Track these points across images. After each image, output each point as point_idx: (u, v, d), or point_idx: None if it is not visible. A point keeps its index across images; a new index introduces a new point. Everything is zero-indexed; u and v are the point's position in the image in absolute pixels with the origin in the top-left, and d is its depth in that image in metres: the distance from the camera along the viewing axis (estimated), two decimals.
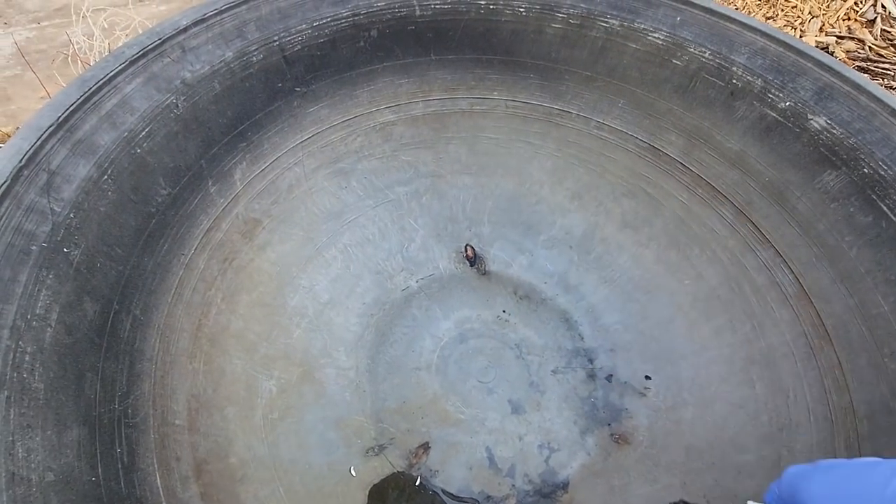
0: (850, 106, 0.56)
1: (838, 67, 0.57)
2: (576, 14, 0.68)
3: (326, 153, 0.73)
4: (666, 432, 0.68)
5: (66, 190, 0.42)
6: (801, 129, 0.59)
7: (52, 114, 0.42)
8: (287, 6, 0.59)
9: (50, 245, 0.39)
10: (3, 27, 1.81)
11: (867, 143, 0.55)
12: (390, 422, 0.69)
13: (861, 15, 1.10)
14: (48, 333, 0.37)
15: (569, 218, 0.83)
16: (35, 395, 0.35)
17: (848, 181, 0.56)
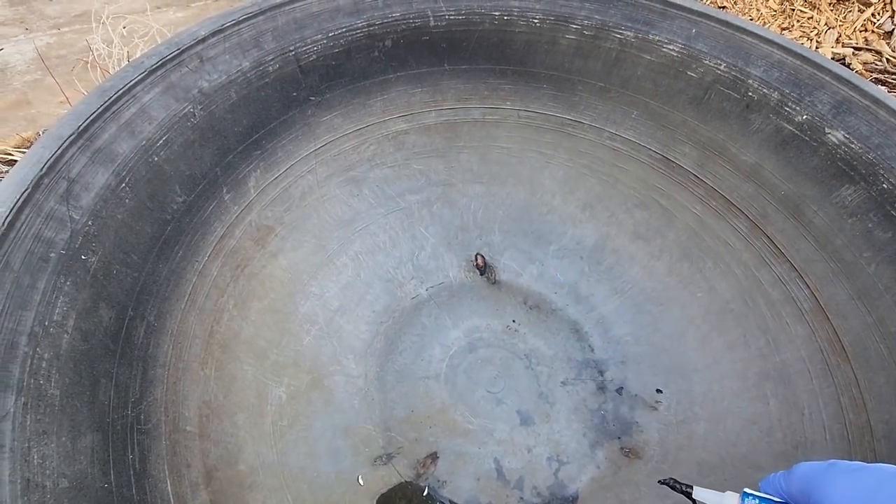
0: (869, 120, 0.55)
1: (857, 81, 0.56)
2: (590, 25, 0.68)
3: (339, 161, 0.73)
4: (677, 447, 0.67)
5: (85, 198, 0.42)
6: (818, 143, 0.59)
7: (73, 122, 0.43)
8: (303, 17, 0.59)
9: (68, 252, 0.40)
10: (25, 32, 1.85)
11: (886, 158, 0.54)
12: (398, 431, 0.69)
13: (878, 26, 1.08)
14: (65, 340, 0.38)
15: (580, 228, 0.83)
16: (51, 402, 0.35)
17: (866, 196, 0.55)
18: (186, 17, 2.00)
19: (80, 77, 1.48)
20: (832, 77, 0.57)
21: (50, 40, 1.80)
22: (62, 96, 1.40)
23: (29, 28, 1.86)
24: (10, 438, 0.31)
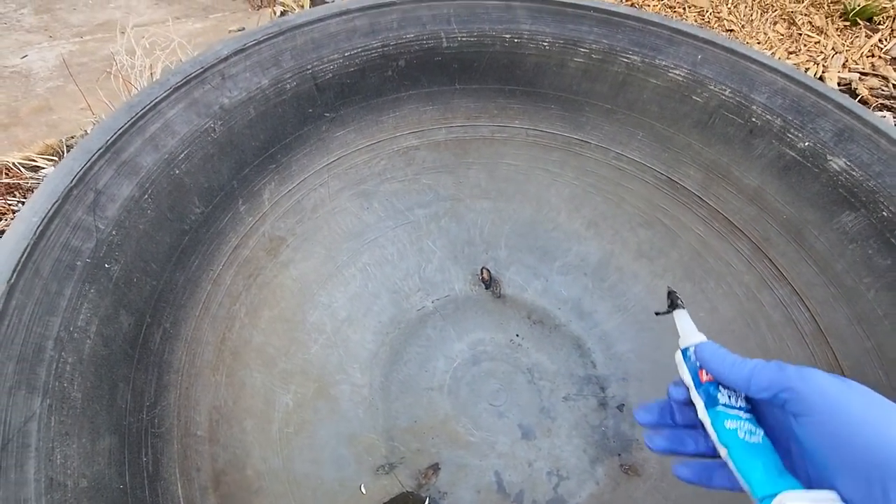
0: (870, 148, 0.57)
1: (858, 110, 0.58)
2: (598, 49, 0.70)
3: (351, 175, 0.75)
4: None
5: (111, 208, 0.44)
6: (819, 170, 0.60)
7: (102, 136, 0.45)
8: (321, 37, 0.62)
9: (93, 261, 0.42)
10: (49, 40, 1.90)
11: (887, 186, 0.55)
12: (401, 441, 0.70)
13: (885, 52, 1.10)
14: (87, 345, 0.40)
15: (585, 245, 0.84)
16: (73, 404, 0.37)
17: (867, 223, 0.56)
18: (205, 28, 2.05)
19: (102, 86, 1.53)
20: (834, 105, 0.59)
21: (73, 48, 1.85)
22: (83, 103, 1.43)
23: (53, 36, 1.92)
24: (35, 438, 0.33)
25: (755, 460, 0.31)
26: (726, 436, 0.32)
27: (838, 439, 0.28)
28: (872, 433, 0.27)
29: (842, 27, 1.14)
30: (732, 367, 0.33)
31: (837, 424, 0.28)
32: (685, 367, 0.37)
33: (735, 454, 0.32)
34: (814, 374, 0.30)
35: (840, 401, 0.29)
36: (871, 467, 0.26)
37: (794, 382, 0.30)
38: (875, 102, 1.02)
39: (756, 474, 0.30)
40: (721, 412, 0.33)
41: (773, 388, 0.31)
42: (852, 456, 0.27)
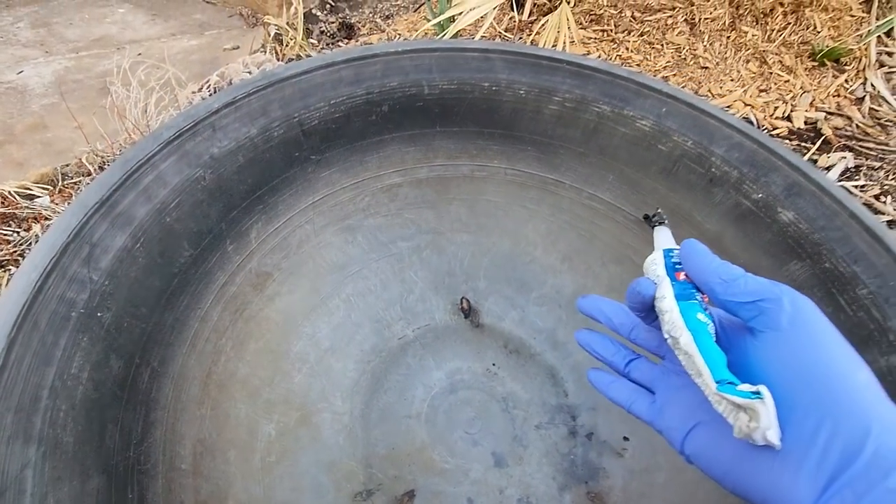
0: (815, 204, 0.61)
1: (805, 168, 0.62)
2: (571, 99, 0.74)
3: (336, 211, 0.79)
4: (639, 494, 0.71)
5: (104, 260, 0.48)
6: (771, 220, 0.64)
7: (98, 192, 0.48)
8: (308, 87, 0.66)
9: (87, 311, 0.45)
10: (45, 55, 1.93)
11: (829, 239, 0.59)
12: (379, 467, 0.73)
13: (851, 92, 1.15)
14: (80, 391, 0.43)
15: (560, 278, 0.88)
16: (66, 449, 0.40)
17: (811, 273, 0.61)
18: (200, 45, 2.08)
19: (96, 103, 1.55)
20: (784, 162, 0.63)
21: (69, 64, 1.88)
22: (78, 121, 1.46)
23: (49, 51, 1.95)
24: (30, 485, 0.36)
25: (720, 352, 0.29)
26: (697, 325, 0.30)
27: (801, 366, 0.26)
28: (837, 371, 0.26)
29: (810, 67, 1.20)
30: (722, 264, 0.31)
31: (807, 350, 0.27)
32: (661, 263, 0.35)
33: (702, 339, 0.29)
34: (805, 300, 0.29)
35: (819, 330, 0.27)
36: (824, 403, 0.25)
37: (784, 295, 0.29)
38: (838, 143, 1.08)
39: (720, 361, 0.28)
40: (695, 305, 0.31)
41: (760, 294, 0.29)
42: (809, 386, 0.26)
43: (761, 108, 1.12)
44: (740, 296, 0.30)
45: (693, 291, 0.33)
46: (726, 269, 0.31)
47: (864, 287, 0.56)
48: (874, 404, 0.25)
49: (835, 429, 0.24)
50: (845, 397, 0.25)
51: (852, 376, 0.26)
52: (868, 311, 0.56)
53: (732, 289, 0.30)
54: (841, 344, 0.28)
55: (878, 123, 1.12)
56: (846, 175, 1.05)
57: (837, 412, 0.25)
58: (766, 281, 0.30)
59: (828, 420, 0.25)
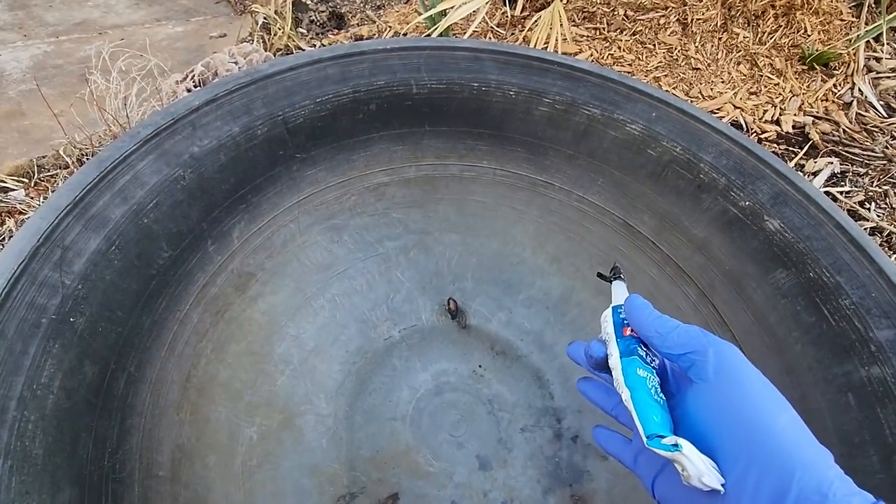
0: (801, 213, 0.61)
1: (792, 176, 0.62)
2: (561, 101, 0.73)
3: (321, 211, 0.78)
4: (623, 497, 0.72)
5: (77, 263, 0.46)
6: (757, 228, 0.65)
7: (70, 193, 0.47)
8: (293, 85, 0.64)
9: (58, 317, 0.43)
10: (23, 39, 1.87)
11: (814, 249, 0.60)
12: (363, 470, 0.73)
13: (839, 97, 1.16)
14: (50, 400, 0.41)
15: (547, 280, 0.88)
16: (34, 462, 0.39)
17: (796, 281, 0.61)
18: (185, 32, 2.03)
19: (76, 90, 1.51)
20: (771, 170, 0.63)
21: (48, 49, 1.82)
22: (57, 108, 1.42)
23: (27, 35, 1.89)
24: None
25: (656, 406, 0.32)
26: (634, 380, 0.33)
27: (722, 413, 0.29)
28: (760, 417, 0.28)
29: (800, 71, 1.20)
30: (658, 318, 0.34)
31: (727, 398, 0.29)
32: (610, 321, 0.38)
33: (637, 395, 0.32)
34: (729, 348, 0.31)
35: (742, 378, 0.30)
36: (751, 449, 0.27)
37: (710, 347, 0.31)
38: (825, 148, 1.08)
39: (653, 415, 0.31)
40: (636, 360, 0.34)
41: (690, 346, 0.31)
42: (736, 433, 0.28)
43: (751, 111, 1.13)
44: (674, 348, 0.32)
45: (636, 347, 0.35)
46: (661, 323, 0.34)
47: (847, 297, 0.56)
48: (796, 447, 0.27)
49: (762, 473, 0.26)
50: (769, 442, 0.27)
51: (774, 421, 0.28)
52: (850, 321, 0.56)
53: (667, 342, 0.33)
54: (763, 390, 0.29)
55: (865, 129, 1.13)
56: (832, 181, 1.05)
57: (763, 457, 0.27)
58: (696, 332, 0.33)
59: (755, 465, 0.27)
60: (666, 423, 0.31)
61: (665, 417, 0.32)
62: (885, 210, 1.04)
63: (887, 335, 0.53)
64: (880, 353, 0.53)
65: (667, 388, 0.35)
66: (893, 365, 0.52)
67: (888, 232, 1.00)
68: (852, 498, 0.25)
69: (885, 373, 0.52)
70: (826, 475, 0.26)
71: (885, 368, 0.52)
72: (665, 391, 0.34)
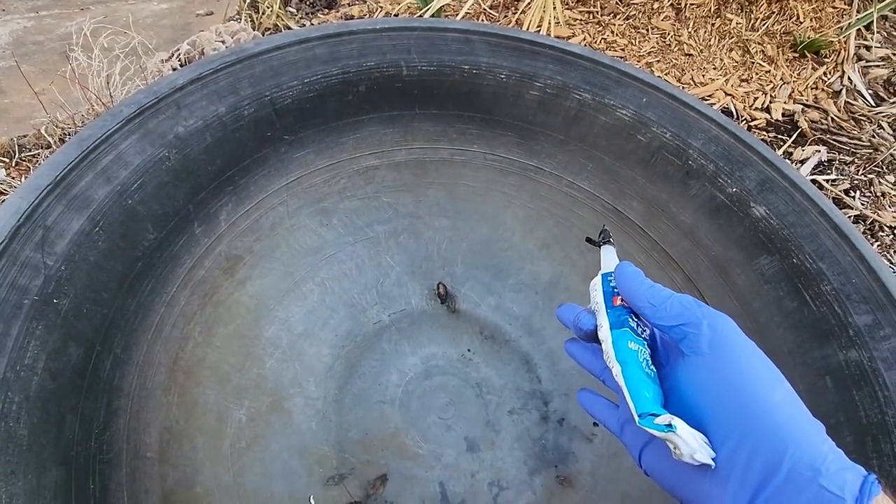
0: (787, 200, 0.62)
1: (779, 163, 0.63)
2: (552, 85, 0.73)
3: (310, 194, 0.77)
4: (606, 478, 0.73)
5: (60, 244, 0.45)
6: (744, 214, 0.65)
7: (51, 172, 0.46)
8: (280, 65, 0.63)
9: (41, 298, 0.43)
10: (2, 13, 1.81)
11: (798, 236, 0.60)
12: (352, 452, 0.74)
13: (828, 85, 1.16)
14: (34, 381, 0.41)
15: (537, 265, 0.89)
16: (19, 442, 0.38)
17: (780, 268, 0.62)
18: (171, 9, 1.98)
19: (58, 68, 1.47)
20: (759, 157, 0.64)
21: (27, 24, 1.77)
22: (38, 87, 1.38)
23: (6, 9, 1.82)
24: None
25: (648, 381, 0.31)
26: (625, 354, 0.31)
27: (721, 388, 0.28)
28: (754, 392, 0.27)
29: (791, 58, 1.20)
30: (650, 288, 0.32)
31: (720, 371, 0.28)
32: (600, 289, 0.36)
33: (628, 371, 0.31)
34: (724, 321, 0.30)
35: (737, 352, 0.29)
36: (744, 424, 0.26)
37: (704, 319, 0.30)
38: (813, 136, 1.09)
39: (645, 392, 0.30)
40: (627, 332, 0.32)
41: (683, 318, 0.30)
42: (729, 408, 0.27)
43: (742, 98, 1.13)
44: (667, 319, 0.31)
45: (626, 318, 0.34)
46: (654, 293, 0.32)
47: (829, 283, 0.57)
48: (790, 422, 0.26)
49: (754, 448, 0.26)
50: (763, 417, 0.26)
51: (769, 396, 0.27)
52: (831, 306, 0.57)
53: (659, 313, 0.31)
54: (759, 364, 0.29)
55: (853, 118, 1.13)
56: (819, 169, 1.07)
57: (756, 432, 0.26)
58: (690, 303, 0.31)
59: (747, 440, 0.26)
60: (657, 397, 0.30)
61: (657, 392, 0.31)
62: (870, 198, 1.05)
63: (865, 320, 0.54)
64: (858, 338, 0.54)
65: (657, 358, 0.33)
66: (870, 349, 0.53)
67: (871, 220, 1.02)
68: (845, 472, 0.25)
69: (861, 357, 0.53)
70: (819, 450, 0.25)
71: (862, 352, 0.53)
72: (655, 361, 0.33)
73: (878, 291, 0.54)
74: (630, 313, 0.34)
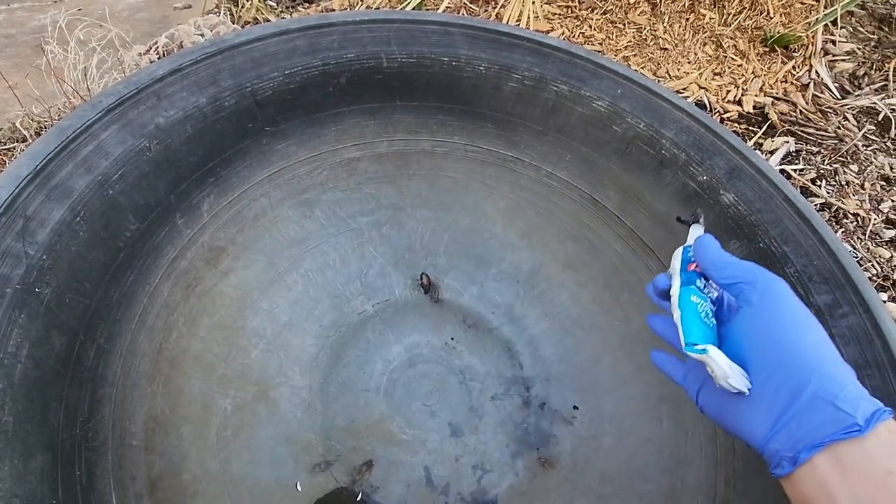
0: (754, 187, 0.65)
1: (747, 152, 0.65)
2: (530, 77, 0.75)
3: (293, 185, 0.78)
4: (585, 459, 0.76)
5: (41, 234, 0.45)
6: (714, 202, 0.68)
7: (30, 163, 0.46)
8: (261, 56, 0.63)
9: (23, 287, 0.43)
10: None
11: (764, 221, 0.63)
12: (338, 440, 0.75)
13: (797, 79, 1.21)
14: (18, 369, 0.41)
15: (518, 254, 0.91)
16: (5, 429, 0.39)
17: (748, 252, 0.65)
18: (148, 2, 1.94)
19: (30, 61, 1.44)
20: (728, 146, 0.66)
21: None
22: (10, 81, 1.35)
23: None
24: None
25: (700, 323, 0.36)
26: (685, 303, 0.37)
27: (763, 331, 0.33)
28: (789, 334, 0.32)
29: (762, 52, 1.24)
30: (720, 254, 0.39)
31: (768, 318, 0.34)
32: (679, 257, 0.43)
33: (686, 316, 0.37)
34: (776, 281, 0.36)
35: (782, 304, 0.34)
36: (777, 358, 0.32)
37: (760, 277, 0.36)
38: (782, 127, 1.13)
39: (695, 329, 0.35)
40: (693, 289, 0.39)
41: (742, 277, 0.36)
42: (767, 346, 0.33)
43: (715, 91, 1.16)
44: (727, 279, 0.37)
45: (696, 279, 0.40)
46: (721, 258, 0.38)
47: (792, 265, 0.60)
48: (817, 359, 0.31)
49: (783, 378, 0.31)
50: (792, 354, 0.32)
51: (802, 338, 0.32)
52: (794, 288, 0.60)
53: (724, 273, 0.37)
54: (798, 315, 0.34)
55: (820, 110, 1.18)
56: (787, 159, 1.10)
57: (786, 365, 0.32)
58: (750, 266, 0.37)
59: (778, 371, 0.32)
60: (707, 337, 0.35)
61: (708, 333, 0.35)
62: (835, 187, 1.09)
63: (826, 299, 0.57)
64: (819, 317, 0.57)
65: (720, 315, 0.38)
66: (829, 327, 0.56)
67: (836, 207, 1.06)
68: (860, 400, 0.29)
69: None
70: (841, 382, 0.30)
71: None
72: (718, 319, 0.38)
73: (837, 272, 0.57)
74: (700, 276, 0.40)
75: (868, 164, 1.14)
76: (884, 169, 1.14)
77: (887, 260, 1.03)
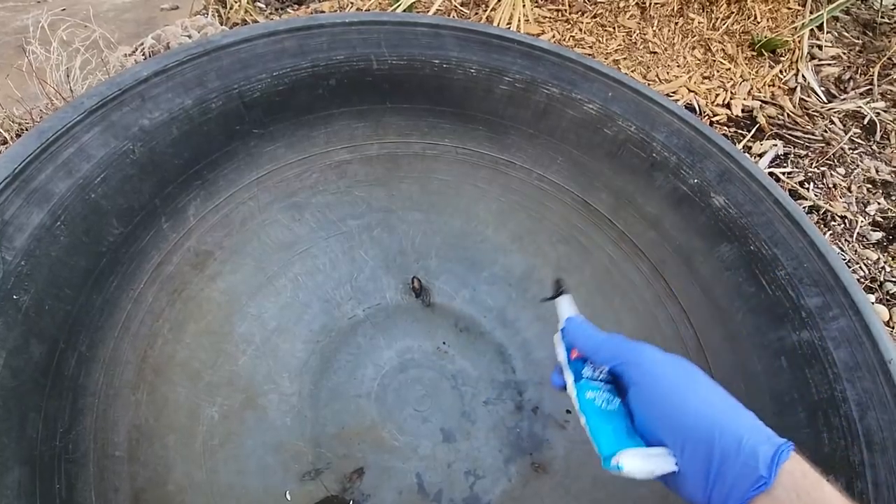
0: (744, 190, 0.65)
1: (737, 155, 0.66)
2: (521, 79, 0.74)
3: (281, 188, 0.76)
4: (579, 463, 0.75)
5: (19, 239, 0.44)
6: (705, 205, 0.68)
7: (8, 165, 0.44)
8: (248, 57, 0.62)
9: (0, 293, 0.42)
10: None
11: (754, 224, 0.63)
12: (328, 447, 0.73)
13: (784, 83, 1.22)
14: None
15: (510, 257, 0.90)
16: None
17: (738, 254, 0.65)
18: (134, 3, 1.92)
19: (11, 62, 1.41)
20: (718, 149, 0.67)
21: None
22: None
23: None
24: None
25: (606, 425, 0.35)
26: (584, 405, 0.37)
27: (653, 406, 0.34)
28: (677, 403, 0.33)
29: (750, 56, 1.25)
30: (588, 338, 0.39)
31: (651, 393, 0.34)
32: (561, 347, 0.42)
33: (590, 421, 0.36)
34: (642, 349, 0.36)
35: (655, 373, 0.34)
36: (680, 431, 0.32)
37: (627, 355, 0.36)
38: (770, 131, 1.14)
39: (604, 437, 0.35)
40: (584, 384, 0.38)
41: (614, 360, 0.36)
42: (666, 422, 0.33)
43: (704, 94, 1.17)
44: (604, 362, 0.37)
45: (581, 367, 0.39)
46: (590, 342, 0.39)
47: (783, 268, 0.61)
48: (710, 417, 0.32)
49: (694, 447, 0.31)
50: (689, 421, 0.32)
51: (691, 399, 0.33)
52: (785, 290, 0.60)
53: (598, 357, 0.37)
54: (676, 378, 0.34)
55: (807, 113, 1.19)
56: (776, 162, 1.12)
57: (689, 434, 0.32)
58: (618, 342, 0.37)
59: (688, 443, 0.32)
60: (619, 431, 0.35)
61: (617, 426, 0.35)
62: (822, 189, 1.11)
63: (816, 302, 0.58)
64: (810, 319, 0.58)
65: (621, 384, 0.38)
66: (820, 329, 0.56)
67: (824, 210, 1.08)
68: (759, 446, 0.30)
69: (812, 336, 0.56)
70: (737, 432, 0.30)
71: (812, 332, 0.56)
72: (622, 388, 0.38)
73: (827, 274, 0.57)
74: (585, 362, 0.39)
75: (854, 167, 1.16)
76: (870, 172, 1.16)
77: (874, 262, 1.04)
